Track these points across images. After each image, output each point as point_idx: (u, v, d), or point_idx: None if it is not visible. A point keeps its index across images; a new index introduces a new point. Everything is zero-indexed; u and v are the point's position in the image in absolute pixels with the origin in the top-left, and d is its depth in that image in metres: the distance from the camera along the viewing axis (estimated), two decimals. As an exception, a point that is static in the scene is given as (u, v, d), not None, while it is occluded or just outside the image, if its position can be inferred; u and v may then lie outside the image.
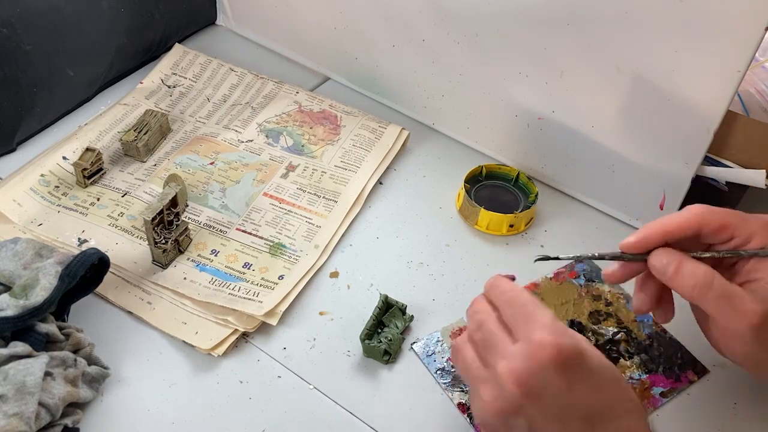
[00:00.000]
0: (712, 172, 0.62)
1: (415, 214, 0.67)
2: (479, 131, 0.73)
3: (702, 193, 0.63)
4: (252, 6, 0.83)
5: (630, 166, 0.64)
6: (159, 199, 0.59)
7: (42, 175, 0.65)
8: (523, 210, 0.66)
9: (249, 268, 0.60)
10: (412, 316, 0.58)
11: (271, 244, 0.62)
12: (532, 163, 0.71)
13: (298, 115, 0.75)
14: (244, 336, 0.56)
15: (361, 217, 0.67)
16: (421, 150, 0.74)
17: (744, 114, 0.64)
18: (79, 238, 0.61)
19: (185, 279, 0.59)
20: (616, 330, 0.58)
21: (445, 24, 0.67)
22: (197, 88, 0.78)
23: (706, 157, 0.60)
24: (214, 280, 0.59)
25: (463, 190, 0.67)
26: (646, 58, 0.57)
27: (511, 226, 0.65)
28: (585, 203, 0.70)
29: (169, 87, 0.78)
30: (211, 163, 0.69)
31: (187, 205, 0.65)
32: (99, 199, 0.64)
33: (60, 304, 0.52)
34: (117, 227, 0.62)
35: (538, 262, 0.49)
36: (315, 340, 0.56)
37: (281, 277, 0.60)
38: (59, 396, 0.47)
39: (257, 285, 0.59)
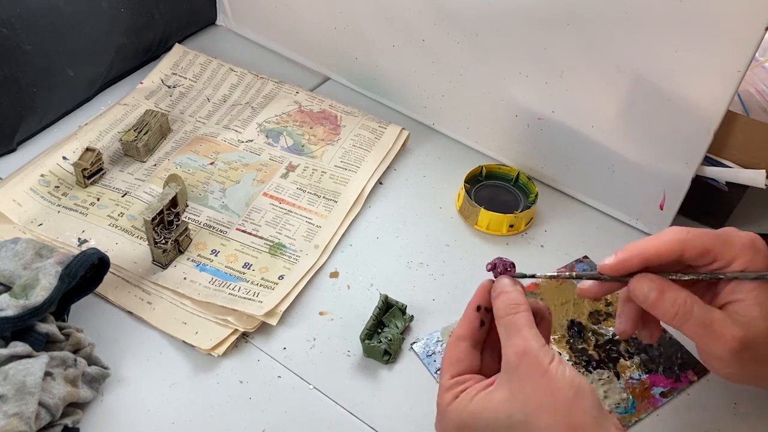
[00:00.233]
0: (712, 172, 0.62)
1: (415, 214, 0.67)
2: (479, 131, 0.73)
3: (702, 193, 0.63)
4: (252, 6, 0.83)
5: (630, 166, 0.64)
6: (159, 199, 0.59)
7: (42, 175, 0.65)
8: (523, 210, 0.66)
9: (249, 268, 0.60)
10: (412, 316, 0.58)
11: (271, 244, 0.62)
12: (532, 163, 0.71)
13: (298, 115, 0.75)
14: (244, 336, 0.56)
15: (361, 217, 0.67)
16: (421, 150, 0.74)
17: (744, 114, 0.64)
18: (79, 238, 0.61)
19: (185, 279, 0.59)
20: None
21: (445, 24, 0.67)
22: (197, 88, 0.78)
23: (706, 157, 0.60)
24: (214, 280, 0.59)
25: (463, 190, 0.67)
26: (646, 58, 0.57)
27: (511, 226, 0.65)
28: (585, 203, 0.70)
29: (169, 87, 0.78)
30: (211, 163, 0.69)
31: (187, 205, 0.65)
32: (99, 199, 0.64)
33: (60, 304, 0.51)
34: (117, 227, 0.62)
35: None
36: (315, 340, 0.56)
37: (281, 277, 0.60)
38: (59, 396, 0.47)
39: (257, 285, 0.59)
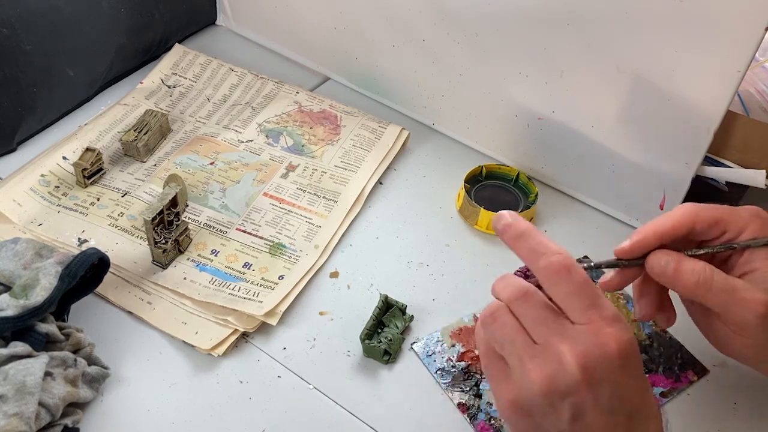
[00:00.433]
0: (712, 172, 0.62)
1: (415, 214, 0.67)
2: (479, 131, 0.73)
3: (702, 193, 0.63)
4: (252, 6, 0.83)
5: (630, 166, 0.64)
6: (159, 199, 0.59)
7: (42, 175, 0.65)
8: (523, 210, 0.66)
9: (249, 268, 0.60)
10: (412, 316, 0.58)
11: (271, 244, 0.62)
12: (532, 163, 0.71)
13: (298, 115, 0.75)
14: (244, 336, 0.56)
15: (361, 217, 0.67)
16: (421, 150, 0.74)
17: (744, 114, 0.64)
18: (79, 238, 0.61)
19: (185, 279, 0.59)
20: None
21: (445, 24, 0.67)
22: (197, 88, 0.78)
23: (706, 157, 0.60)
24: (214, 280, 0.59)
25: (463, 190, 0.67)
26: (646, 58, 0.57)
27: (511, 226, 0.65)
28: (585, 203, 0.70)
29: (169, 87, 0.78)
30: (211, 163, 0.69)
31: (187, 205, 0.65)
32: (99, 199, 0.64)
33: (60, 304, 0.51)
34: (117, 227, 0.62)
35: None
36: (315, 340, 0.56)
37: (281, 277, 0.60)
38: (59, 396, 0.47)
39: (257, 285, 0.59)
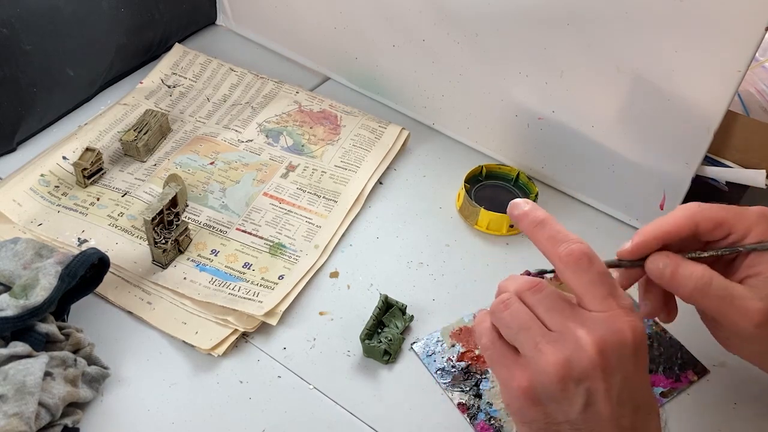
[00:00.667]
0: (712, 172, 0.62)
1: (415, 214, 0.67)
2: (479, 131, 0.73)
3: (702, 193, 0.63)
4: (252, 6, 0.83)
5: (630, 166, 0.64)
6: (159, 199, 0.59)
7: (42, 175, 0.65)
8: (523, 210, 0.66)
9: (249, 268, 0.60)
10: (412, 316, 0.58)
11: (271, 244, 0.62)
12: (532, 163, 0.71)
13: (298, 115, 0.75)
14: (244, 336, 0.56)
15: (361, 217, 0.67)
16: (421, 150, 0.74)
17: (744, 114, 0.64)
18: (79, 238, 0.61)
19: (185, 279, 0.59)
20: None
21: (445, 24, 0.67)
22: (197, 88, 0.78)
23: (706, 157, 0.60)
24: (214, 280, 0.59)
25: (463, 190, 0.67)
26: (646, 58, 0.57)
27: (511, 226, 0.65)
28: (585, 203, 0.70)
29: (169, 87, 0.78)
30: (211, 163, 0.69)
31: (187, 205, 0.65)
32: (99, 199, 0.64)
33: (60, 304, 0.51)
34: (117, 227, 0.62)
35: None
36: (315, 340, 0.56)
37: (281, 277, 0.60)
38: (59, 396, 0.47)
39: (257, 285, 0.59)
